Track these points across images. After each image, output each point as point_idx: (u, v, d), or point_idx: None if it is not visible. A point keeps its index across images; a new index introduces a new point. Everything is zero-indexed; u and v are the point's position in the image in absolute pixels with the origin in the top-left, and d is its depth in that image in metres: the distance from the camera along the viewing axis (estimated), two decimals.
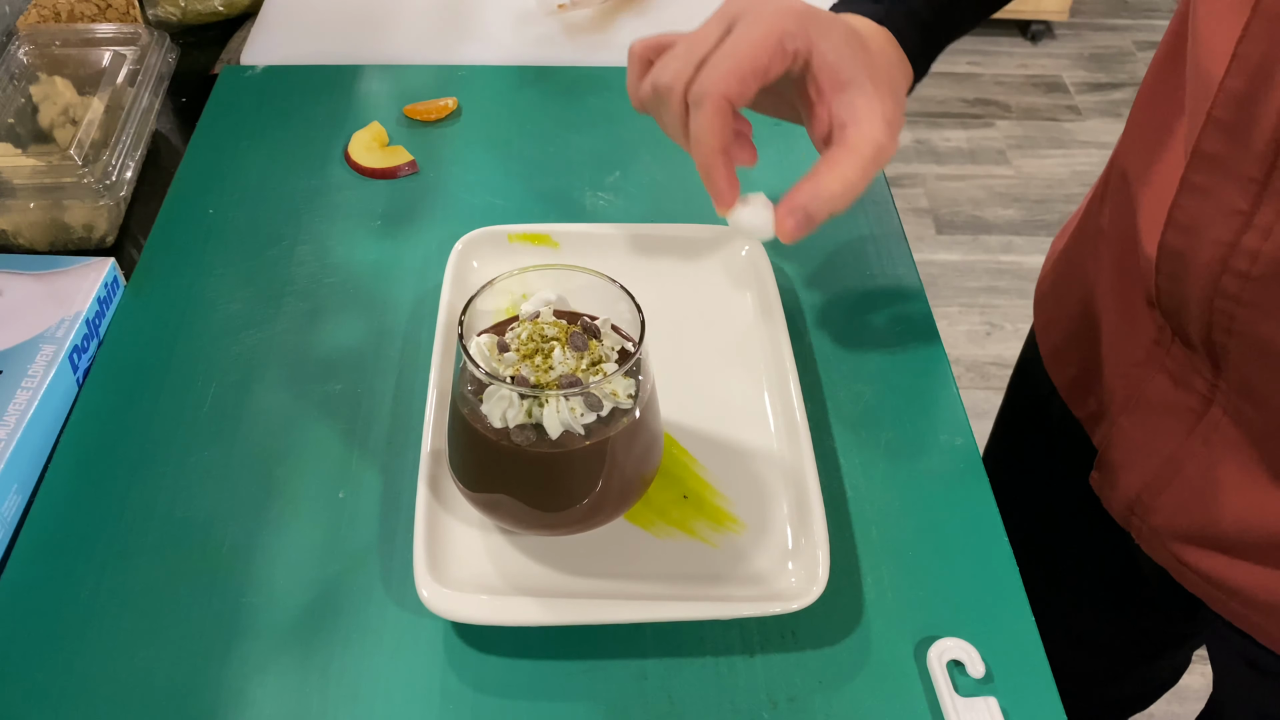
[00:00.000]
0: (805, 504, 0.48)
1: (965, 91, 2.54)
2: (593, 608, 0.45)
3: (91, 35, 0.73)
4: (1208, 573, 0.54)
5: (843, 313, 0.60)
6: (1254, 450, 0.49)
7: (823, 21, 0.47)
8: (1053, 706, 0.44)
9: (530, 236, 0.61)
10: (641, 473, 0.45)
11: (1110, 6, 2.84)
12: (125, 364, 0.57)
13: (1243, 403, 0.48)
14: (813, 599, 0.44)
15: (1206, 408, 0.50)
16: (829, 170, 0.47)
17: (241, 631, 0.46)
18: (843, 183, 0.47)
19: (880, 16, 0.53)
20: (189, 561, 0.48)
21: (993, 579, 0.48)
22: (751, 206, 0.48)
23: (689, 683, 0.44)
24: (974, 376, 1.85)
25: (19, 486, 0.51)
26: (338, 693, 0.44)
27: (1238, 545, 0.52)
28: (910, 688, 0.44)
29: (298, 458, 0.52)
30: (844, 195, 0.47)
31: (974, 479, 0.52)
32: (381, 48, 0.80)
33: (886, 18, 0.53)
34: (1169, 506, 0.54)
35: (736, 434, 0.53)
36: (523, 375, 0.42)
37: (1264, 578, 0.51)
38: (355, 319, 0.59)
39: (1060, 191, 2.24)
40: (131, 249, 0.65)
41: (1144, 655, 0.80)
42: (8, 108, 0.67)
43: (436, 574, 0.45)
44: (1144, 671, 0.82)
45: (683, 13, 0.83)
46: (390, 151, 0.70)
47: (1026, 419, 0.76)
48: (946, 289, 2.01)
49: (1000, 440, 0.80)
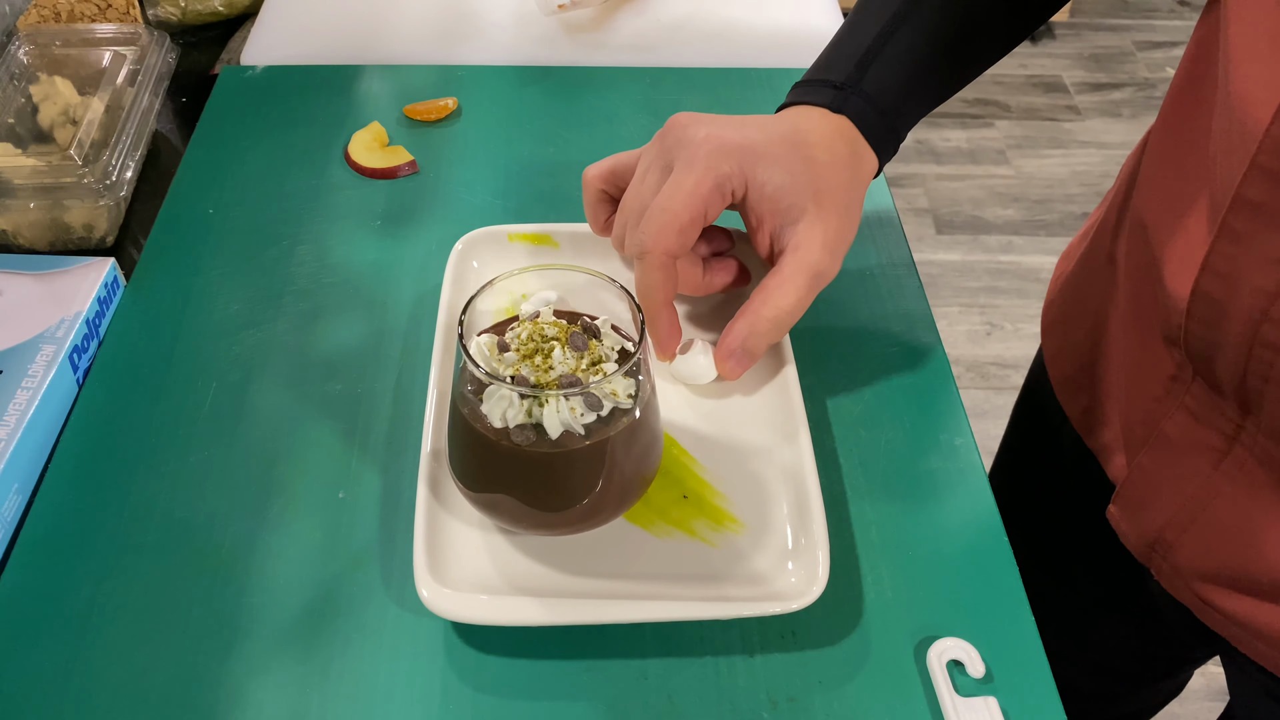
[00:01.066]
0: (805, 504, 0.48)
1: (965, 91, 2.54)
2: (593, 608, 0.45)
3: (91, 35, 0.73)
4: (1233, 613, 0.52)
5: (843, 313, 0.60)
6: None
7: (759, 152, 0.48)
8: (1053, 706, 0.44)
9: (530, 236, 0.61)
10: (641, 473, 0.45)
11: (1110, 6, 2.84)
12: (125, 364, 0.57)
13: (1274, 446, 0.46)
14: (812, 599, 0.44)
15: (1230, 446, 0.48)
16: (763, 302, 0.49)
17: (241, 631, 0.46)
18: (777, 312, 0.48)
19: (836, 106, 0.51)
20: (189, 561, 0.48)
21: (993, 579, 0.48)
22: (690, 355, 0.51)
23: (689, 683, 0.44)
24: (974, 376, 1.85)
25: (19, 486, 0.51)
26: (338, 693, 0.44)
27: (1265, 587, 0.50)
28: (910, 688, 0.44)
29: (298, 458, 0.52)
30: (780, 324, 0.49)
31: (974, 479, 0.52)
32: (381, 48, 0.80)
33: (844, 106, 0.51)
34: (1193, 545, 0.52)
35: (736, 434, 0.53)
36: (523, 375, 0.42)
37: None
38: (355, 319, 0.59)
39: (1060, 191, 2.24)
40: (131, 249, 0.65)
41: (1153, 676, 0.78)
42: (8, 108, 0.67)
43: (436, 574, 0.45)
44: (1151, 690, 0.82)
45: (683, 12, 0.83)
46: (390, 151, 0.70)
47: (1036, 446, 0.74)
48: (946, 289, 2.01)
49: (1008, 467, 0.78)
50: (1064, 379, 0.65)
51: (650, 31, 0.82)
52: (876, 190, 0.68)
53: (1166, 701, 0.85)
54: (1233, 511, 0.50)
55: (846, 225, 0.49)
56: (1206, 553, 0.52)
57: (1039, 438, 0.73)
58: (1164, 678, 0.79)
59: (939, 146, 2.35)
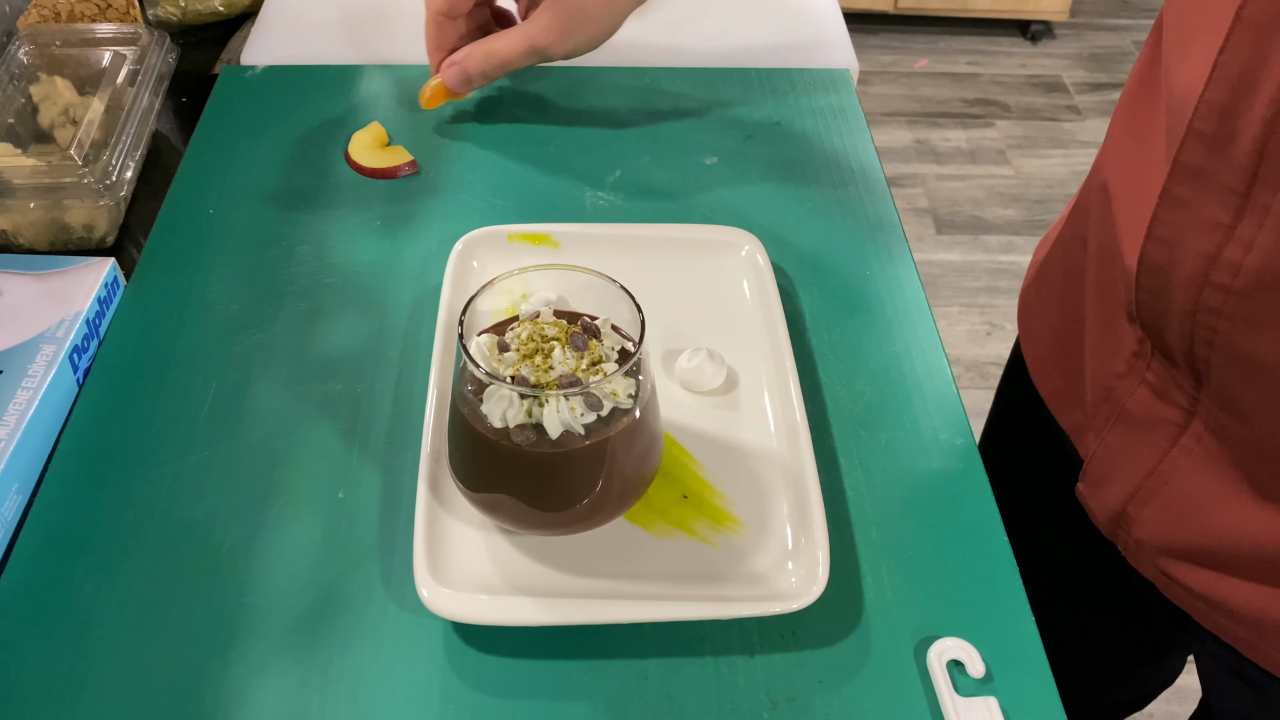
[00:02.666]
0: (805, 504, 0.48)
1: (965, 91, 2.54)
2: (593, 608, 0.45)
3: (91, 35, 0.73)
4: (1193, 587, 0.54)
5: (843, 313, 0.60)
6: (1237, 464, 0.48)
7: None
8: (1053, 706, 0.44)
9: (530, 236, 0.61)
10: (641, 473, 0.45)
11: (1110, 6, 2.84)
12: (125, 364, 0.57)
13: (1225, 417, 0.48)
14: (813, 599, 0.44)
15: (1188, 421, 0.50)
16: (488, 42, 0.66)
17: (241, 631, 0.46)
18: (490, 49, 0.66)
19: None
20: (189, 561, 0.48)
21: (993, 579, 0.48)
22: (695, 361, 0.54)
23: (689, 683, 0.44)
24: (974, 376, 1.85)
25: (19, 486, 0.51)
26: (338, 693, 0.44)
27: (1223, 560, 0.51)
28: (910, 688, 0.44)
29: (298, 458, 0.52)
30: (490, 61, 0.66)
31: (974, 479, 0.52)
32: (381, 48, 0.80)
33: None
34: (1153, 520, 0.54)
35: (736, 434, 0.53)
36: (523, 375, 0.42)
37: (1249, 592, 0.51)
38: (355, 319, 0.59)
39: (1060, 191, 2.24)
40: (131, 249, 0.65)
41: (1138, 661, 0.79)
42: (8, 108, 0.67)
43: (436, 574, 0.45)
44: (1139, 675, 0.82)
45: (683, 12, 0.83)
46: (390, 151, 0.70)
47: (1014, 426, 0.75)
48: (946, 289, 2.01)
49: (989, 446, 0.80)
50: (1038, 361, 0.67)
51: (650, 31, 0.82)
52: (876, 190, 0.68)
53: (1158, 692, 0.86)
54: (1190, 485, 0.51)
55: (579, 21, 0.65)
56: (1165, 527, 0.53)
57: (1017, 418, 0.74)
58: (1148, 664, 0.79)
59: (939, 146, 2.35)
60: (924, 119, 2.45)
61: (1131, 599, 0.67)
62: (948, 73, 2.60)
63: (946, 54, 2.66)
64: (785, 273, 0.62)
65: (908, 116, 2.45)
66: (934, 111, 2.47)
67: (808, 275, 0.62)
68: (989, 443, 0.80)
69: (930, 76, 2.58)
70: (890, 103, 2.49)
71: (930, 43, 2.69)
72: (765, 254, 0.60)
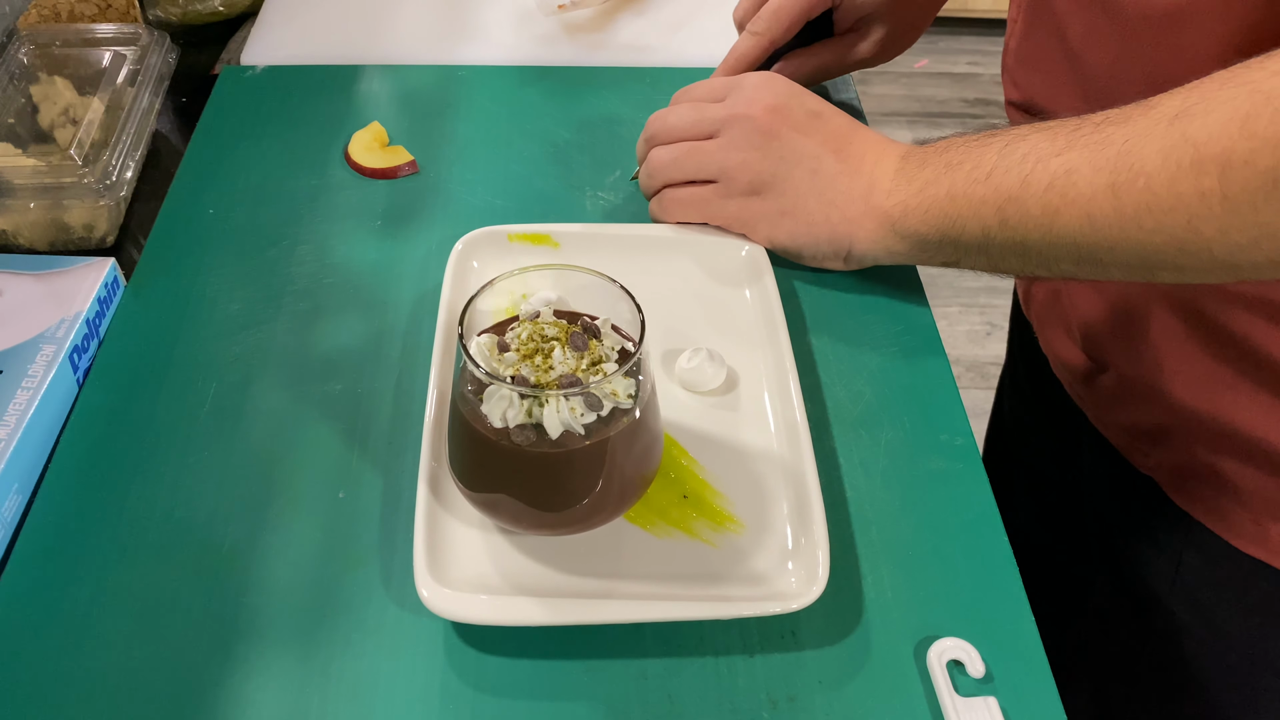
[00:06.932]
0: (805, 504, 0.48)
1: (965, 91, 2.54)
2: (593, 608, 0.45)
3: (91, 35, 0.73)
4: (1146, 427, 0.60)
5: (843, 313, 0.60)
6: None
7: None
8: (1053, 706, 0.44)
9: (530, 236, 0.61)
10: (641, 473, 0.45)
11: None
12: (125, 364, 0.57)
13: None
14: (813, 599, 0.44)
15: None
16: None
17: (241, 631, 0.46)
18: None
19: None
20: (189, 561, 0.48)
21: (993, 579, 0.48)
22: (696, 362, 0.54)
23: (689, 683, 0.44)
24: (974, 376, 1.85)
25: (19, 486, 0.51)
26: (338, 693, 0.44)
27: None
28: (910, 688, 0.44)
29: (298, 458, 0.52)
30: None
31: (974, 479, 0.52)
32: (381, 48, 0.80)
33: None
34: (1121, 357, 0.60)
35: (736, 434, 0.53)
36: (523, 375, 0.42)
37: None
38: (355, 319, 0.59)
39: None
40: (131, 249, 0.65)
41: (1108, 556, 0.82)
42: (8, 108, 0.67)
43: (436, 574, 0.45)
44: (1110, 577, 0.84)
45: (683, 12, 0.83)
46: (390, 151, 0.70)
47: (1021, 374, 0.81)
48: (946, 289, 2.01)
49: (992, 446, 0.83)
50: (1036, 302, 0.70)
51: (650, 31, 0.82)
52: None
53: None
54: (1160, 326, 0.56)
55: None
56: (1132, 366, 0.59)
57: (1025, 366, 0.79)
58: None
59: None
60: (924, 119, 2.45)
61: (1094, 480, 0.71)
62: (948, 73, 2.60)
63: (946, 54, 2.66)
64: (785, 273, 0.62)
65: (908, 116, 2.45)
66: (934, 111, 2.47)
67: (808, 275, 0.62)
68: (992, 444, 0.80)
69: (930, 76, 2.58)
70: (890, 103, 2.49)
71: (930, 43, 2.69)
72: (765, 254, 0.60)
